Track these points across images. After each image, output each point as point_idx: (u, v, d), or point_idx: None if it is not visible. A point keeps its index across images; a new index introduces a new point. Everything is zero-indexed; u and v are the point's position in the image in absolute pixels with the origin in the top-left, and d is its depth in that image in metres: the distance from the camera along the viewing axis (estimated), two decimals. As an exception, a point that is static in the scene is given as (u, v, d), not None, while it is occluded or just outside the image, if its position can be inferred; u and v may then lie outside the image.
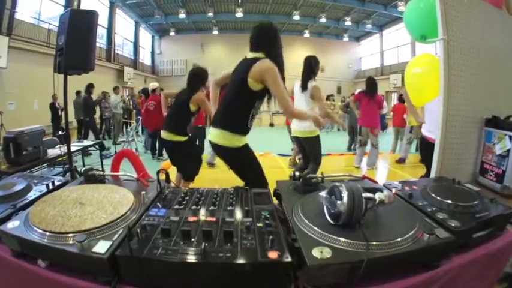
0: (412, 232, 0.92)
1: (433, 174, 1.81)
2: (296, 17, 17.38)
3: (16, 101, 8.73)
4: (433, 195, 1.17)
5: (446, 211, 1.09)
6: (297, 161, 4.93)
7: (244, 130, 1.89)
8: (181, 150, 3.24)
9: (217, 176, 3.99)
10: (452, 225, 0.99)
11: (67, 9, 2.79)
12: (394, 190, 1.23)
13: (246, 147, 1.91)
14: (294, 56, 10.23)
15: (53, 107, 8.93)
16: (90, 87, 7.54)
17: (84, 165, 5.00)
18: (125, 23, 17.82)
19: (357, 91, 8.14)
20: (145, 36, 21.15)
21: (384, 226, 0.96)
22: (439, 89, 1.72)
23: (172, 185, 1.34)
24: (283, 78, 1.78)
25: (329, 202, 0.94)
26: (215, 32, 19.90)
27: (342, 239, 0.88)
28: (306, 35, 20.56)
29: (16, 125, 3.66)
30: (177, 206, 1.08)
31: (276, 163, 5.28)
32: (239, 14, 16.42)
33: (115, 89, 8.62)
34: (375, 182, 1.36)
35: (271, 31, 1.86)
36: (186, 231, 0.89)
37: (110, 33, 15.98)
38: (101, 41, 15.38)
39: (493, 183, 1.90)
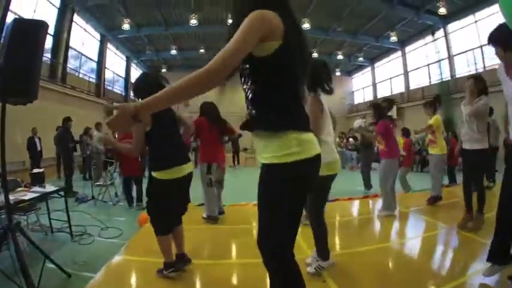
0: None
1: None
2: (288, 53, 17.39)
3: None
4: None
5: None
6: None
7: None
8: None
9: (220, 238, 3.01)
10: None
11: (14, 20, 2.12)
12: None
13: None
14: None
15: (31, 141, 8.07)
16: (66, 120, 6.70)
17: (49, 214, 4.12)
18: (116, 58, 17.66)
19: (359, 122, 7.22)
20: (137, 73, 20.95)
21: None
22: None
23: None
24: None
25: None
26: (208, 69, 19.76)
27: None
28: (299, 70, 20.60)
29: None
30: None
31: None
32: (231, 50, 16.32)
33: (97, 125, 7.83)
34: None
35: None
36: None
37: (100, 68, 15.66)
38: (91, 75, 15.01)
39: None
